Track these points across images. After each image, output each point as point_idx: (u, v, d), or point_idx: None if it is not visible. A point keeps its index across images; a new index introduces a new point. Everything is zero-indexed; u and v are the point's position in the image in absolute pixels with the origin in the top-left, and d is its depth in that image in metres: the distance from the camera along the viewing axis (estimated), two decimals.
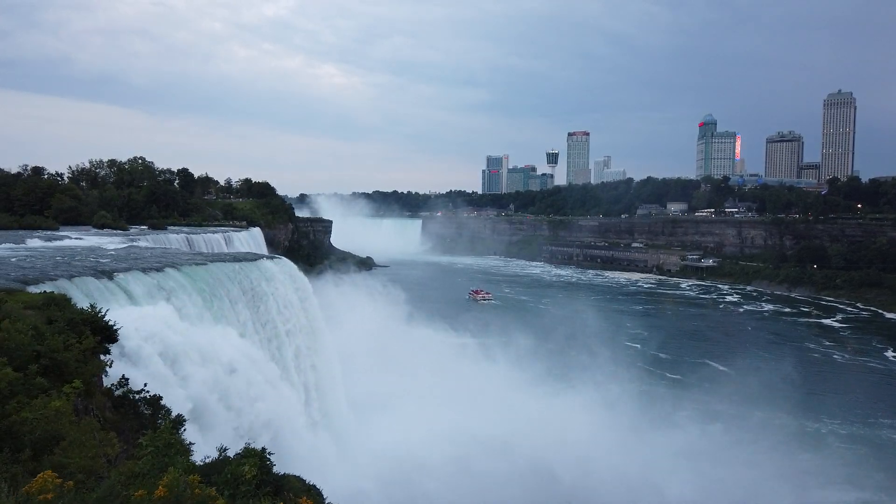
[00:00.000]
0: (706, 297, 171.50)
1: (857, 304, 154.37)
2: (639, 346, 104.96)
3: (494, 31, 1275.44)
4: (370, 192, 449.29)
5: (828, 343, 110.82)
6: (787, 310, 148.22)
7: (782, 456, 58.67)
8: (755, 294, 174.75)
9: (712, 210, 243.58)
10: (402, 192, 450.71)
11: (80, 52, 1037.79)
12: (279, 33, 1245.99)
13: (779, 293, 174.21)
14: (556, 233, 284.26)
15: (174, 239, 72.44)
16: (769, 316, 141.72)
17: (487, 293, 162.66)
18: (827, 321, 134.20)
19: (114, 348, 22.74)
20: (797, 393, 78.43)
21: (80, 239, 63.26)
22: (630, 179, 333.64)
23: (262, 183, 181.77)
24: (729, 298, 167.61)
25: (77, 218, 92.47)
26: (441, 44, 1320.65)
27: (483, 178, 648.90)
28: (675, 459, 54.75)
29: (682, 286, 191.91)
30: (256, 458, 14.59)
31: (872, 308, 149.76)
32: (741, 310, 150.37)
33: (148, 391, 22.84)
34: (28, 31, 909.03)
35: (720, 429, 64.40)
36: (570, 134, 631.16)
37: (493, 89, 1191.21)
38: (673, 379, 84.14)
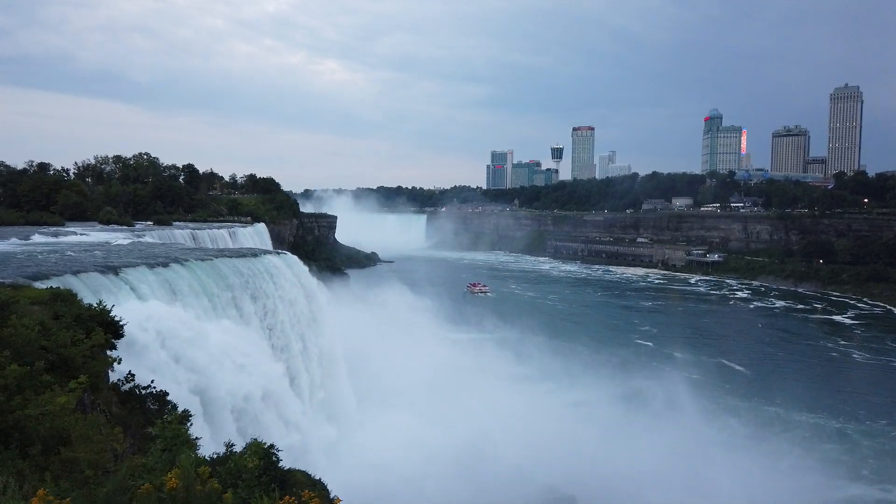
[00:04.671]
0: (716, 293, 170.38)
1: (865, 300, 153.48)
2: (651, 343, 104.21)
3: (496, 26, 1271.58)
4: (375, 187, 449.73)
5: (843, 342, 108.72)
6: (799, 306, 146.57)
7: (805, 450, 58.72)
8: (763, 289, 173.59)
9: (718, 205, 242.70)
10: (407, 188, 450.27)
11: (82, 49, 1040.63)
12: (280, 30, 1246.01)
13: (784, 288, 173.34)
14: (561, 228, 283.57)
15: (179, 235, 72.60)
16: (780, 312, 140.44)
17: (484, 286, 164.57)
18: (838, 318, 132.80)
19: (120, 343, 22.78)
20: (817, 392, 77.91)
21: (86, 234, 63.38)
22: (635, 174, 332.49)
23: (266, 179, 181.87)
24: (739, 294, 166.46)
25: (83, 214, 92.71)
26: (443, 40, 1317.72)
27: (488, 174, 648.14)
28: (694, 451, 55.13)
29: (691, 282, 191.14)
30: (260, 451, 14.62)
31: (880, 303, 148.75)
32: (751, 306, 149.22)
33: (154, 387, 22.89)
34: (29, 28, 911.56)
35: (740, 423, 64.45)
36: (574, 129, 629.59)
37: (497, 85, 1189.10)
38: (690, 378, 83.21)
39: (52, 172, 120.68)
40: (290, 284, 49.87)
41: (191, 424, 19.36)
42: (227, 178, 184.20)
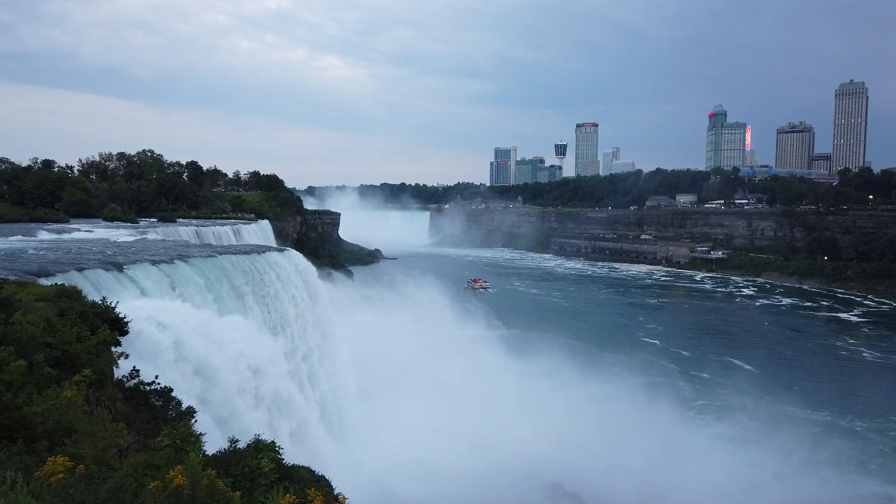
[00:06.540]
0: (721, 290, 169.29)
1: (870, 296, 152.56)
2: (657, 342, 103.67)
3: (498, 21, 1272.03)
4: (378, 184, 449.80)
5: (851, 340, 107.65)
6: (807, 304, 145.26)
7: (816, 446, 58.79)
8: (768, 286, 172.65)
9: (722, 202, 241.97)
10: (410, 185, 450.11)
11: (84, 46, 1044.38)
12: (282, 25, 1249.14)
13: (789, 285, 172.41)
14: (565, 225, 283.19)
15: (183, 231, 72.71)
16: (786, 310, 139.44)
17: (485, 282, 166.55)
18: (845, 315, 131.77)
19: (124, 340, 22.80)
20: (826, 389, 77.70)
21: (91, 231, 63.53)
22: (639, 171, 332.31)
23: (270, 175, 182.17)
24: (744, 291, 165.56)
25: (87, 211, 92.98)
26: (445, 35, 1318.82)
27: (491, 170, 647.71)
28: (703, 447, 55.36)
29: (696, 279, 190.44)
30: (272, 452, 14.62)
31: (886, 301, 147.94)
32: (757, 303, 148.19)
33: (159, 383, 22.89)
34: (31, 23, 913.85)
35: (749, 419, 64.55)
36: (578, 125, 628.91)
37: (499, 81, 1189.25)
38: (698, 376, 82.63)
39: (56, 169, 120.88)
40: (294, 280, 49.90)
41: (195, 421, 19.38)
42: (230, 175, 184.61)
